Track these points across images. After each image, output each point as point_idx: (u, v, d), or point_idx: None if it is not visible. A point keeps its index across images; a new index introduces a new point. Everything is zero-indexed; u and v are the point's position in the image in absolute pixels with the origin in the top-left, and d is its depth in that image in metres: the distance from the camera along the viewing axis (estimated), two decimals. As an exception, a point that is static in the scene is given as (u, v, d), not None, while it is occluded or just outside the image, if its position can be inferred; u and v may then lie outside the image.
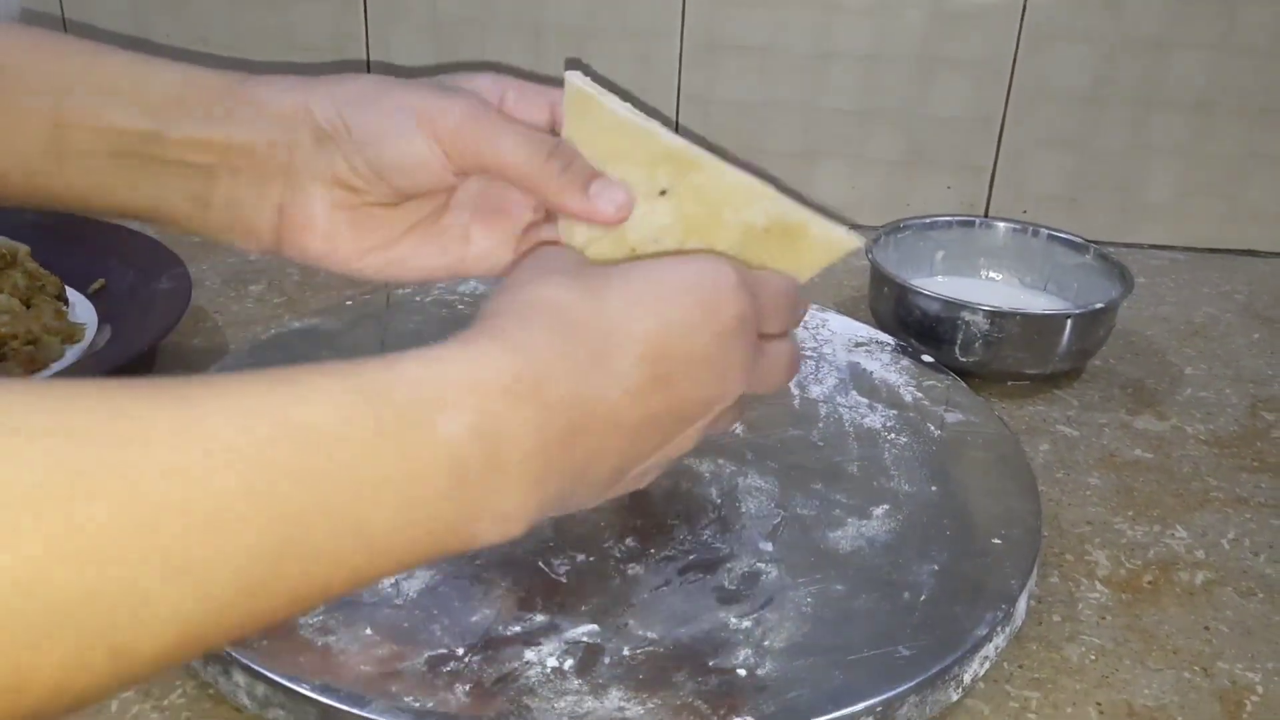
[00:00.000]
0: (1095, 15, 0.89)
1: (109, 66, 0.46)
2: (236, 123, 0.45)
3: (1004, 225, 0.83)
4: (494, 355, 0.37)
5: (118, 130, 0.45)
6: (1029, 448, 0.67)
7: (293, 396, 0.32)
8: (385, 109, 0.45)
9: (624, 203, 0.45)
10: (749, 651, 0.47)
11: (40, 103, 0.45)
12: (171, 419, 0.29)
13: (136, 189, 0.46)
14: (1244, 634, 0.54)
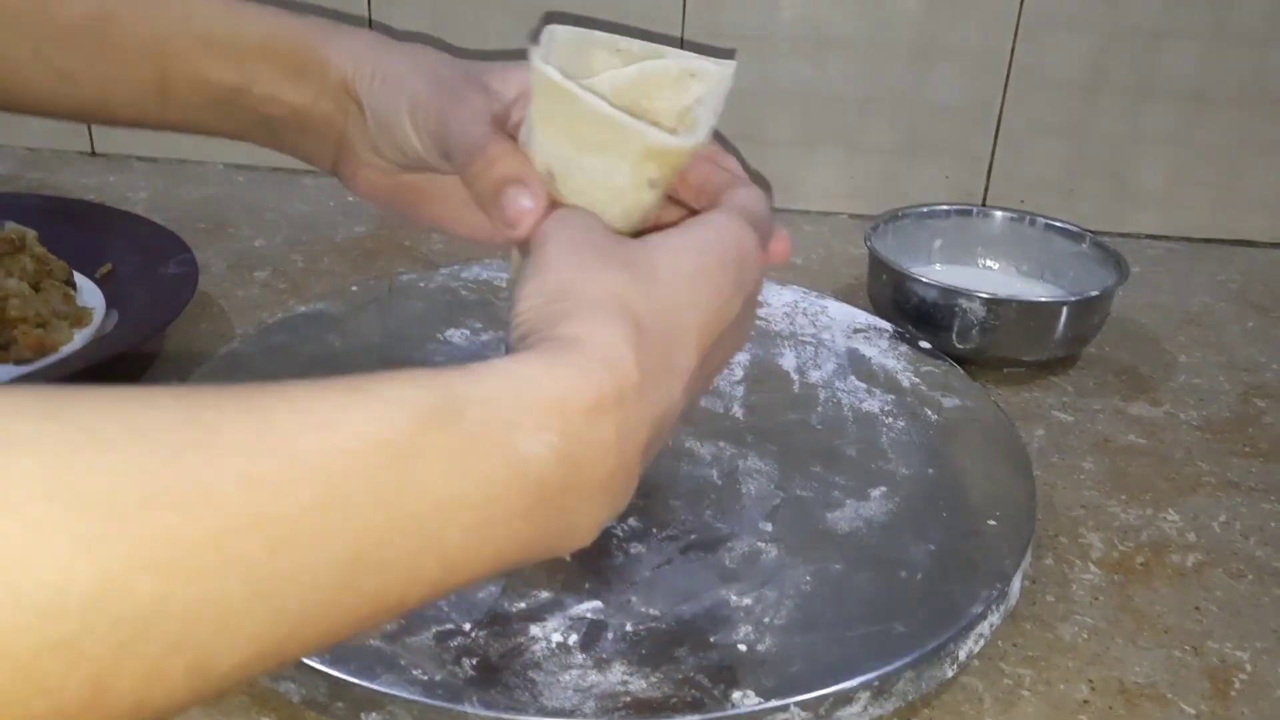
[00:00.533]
0: (1092, 4, 0.90)
1: (205, 16, 0.51)
2: (306, 86, 0.51)
3: (1001, 214, 0.84)
4: (578, 371, 0.36)
5: (214, 82, 0.51)
6: (1025, 433, 0.68)
7: (371, 408, 0.31)
8: (395, 96, 0.48)
9: (527, 207, 0.43)
10: (749, 628, 0.48)
11: (145, 53, 0.50)
12: (247, 427, 0.28)
13: (225, 125, 0.53)
14: (1233, 614, 0.56)
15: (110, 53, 0.50)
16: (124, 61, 0.50)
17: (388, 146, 0.50)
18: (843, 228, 0.96)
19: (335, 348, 0.67)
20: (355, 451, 0.30)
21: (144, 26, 0.50)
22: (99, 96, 0.51)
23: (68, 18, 0.49)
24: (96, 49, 0.50)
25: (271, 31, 0.51)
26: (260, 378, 0.63)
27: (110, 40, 0.50)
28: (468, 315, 0.72)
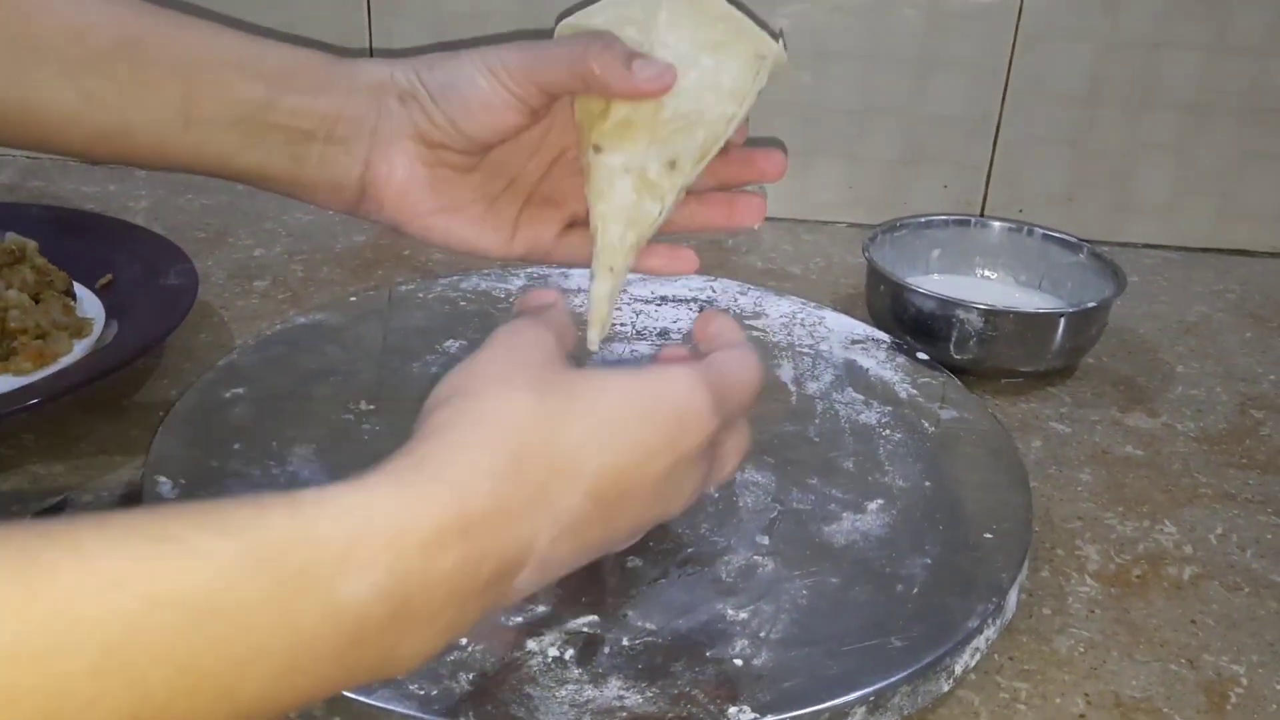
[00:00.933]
0: (1090, 16, 0.91)
1: (230, 41, 0.53)
2: (334, 93, 0.52)
3: (999, 224, 0.84)
4: (422, 500, 0.35)
5: (240, 99, 0.51)
6: (1022, 444, 0.68)
7: (171, 561, 0.29)
8: (455, 65, 0.52)
9: (661, 73, 0.49)
10: (745, 642, 0.48)
11: (173, 74, 0.51)
12: (22, 594, 0.27)
13: (249, 151, 0.52)
14: (1229, 627, 0.56)
15: (139, 72, 0.50)
16: (151, 83, 0.51)
17: (447, 110, 0.52)
18: (842, 237, 0.97)
19: (334, 359, 0.68)
20: (143, 614, 0.28)
21: (172, 48, 0.51)
22: (122, 120, 0.51)
23: (97, 45, 0.50)
24: (125, 72, 0.50)
25: (293, 54, 0.53)
26: (259, 390, 0.64)
27: (140, 61, 0.50)
28: (466, 326, 0.72)
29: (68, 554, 0.28)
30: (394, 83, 0.52)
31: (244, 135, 0.52)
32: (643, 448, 0.40)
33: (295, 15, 0.96)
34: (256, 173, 0.53)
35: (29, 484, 0.60)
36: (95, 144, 0.52)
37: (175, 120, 0.51)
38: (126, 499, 0.59)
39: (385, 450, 0.59)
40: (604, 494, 0.39)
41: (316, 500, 0.33)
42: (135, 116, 0.51)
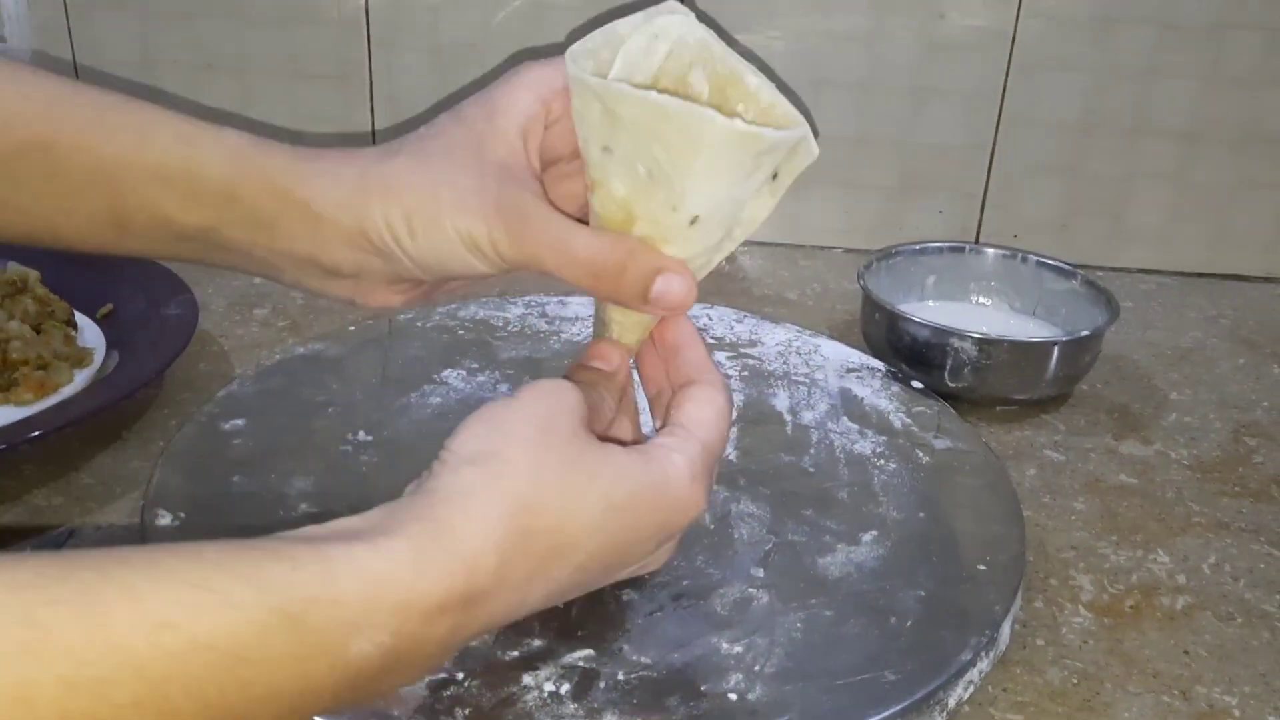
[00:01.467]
0: (1084, 45, 0.91)
1: (157, 150, 0.46)
2: (295, 236, 0.46)
3: (993, 251, 0.85)
4: (437, 571, 0.37)
5: (175, 220, 0.46)
6: (1016, 472, 0.68)
7: (211, 611, 0.32)
8: (440, 237, 0.44)
9: (683, 293, 0.44)
10: (740, 676, 0.49)
11: (95, 184, 0.46)
12: (81, 630, 0.30)
13: (206, 258, 0.48)
14: (1222, 658, 0.56)
15: (56, 183, 0.46)
16: (70, 193, 0.46)
17: (437, 276, 0.47)
18: (838, 263, 0.97)
19: (333, 390, 0.68)
20: (184, 654, 0.31)
21: (89, 157, 0.45)
22: (49, 227, 0.47)
23: (7, 144, 0.45)
24: (40, 179, 0.46)
25: (234, 168, 0.46)
26: (258, 422, 0.64)
27: (53, 171, 0.45)
28: (464, 355, 0.73)
29: (124, 595, 0.31)
30: (369, 241, 0.45)
31: (194, 250, 0.48)
32: (638, 534, 0.43)
33: (296, 43, 0.97)
34: (230, 269, 0.50)
35: (29, 516, 0.60)
36: (32, 243, 0.49)
37: (109, 230, 0.47)
38: (129, 531, 0.59)
39: (383, 483, 0.60)
40: (591, 567, 0.42)
41: (346, 559, 0.36)
42: (60, 223, 0.47)
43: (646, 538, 0.43)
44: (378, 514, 0.38)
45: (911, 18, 0.92)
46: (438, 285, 0.50)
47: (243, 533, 0.54)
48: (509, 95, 0.46)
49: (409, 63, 0.97)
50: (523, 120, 0.46)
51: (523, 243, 0.44)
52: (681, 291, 0.44)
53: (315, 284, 0.49)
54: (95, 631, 0.30)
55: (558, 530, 0.40)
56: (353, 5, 0.96)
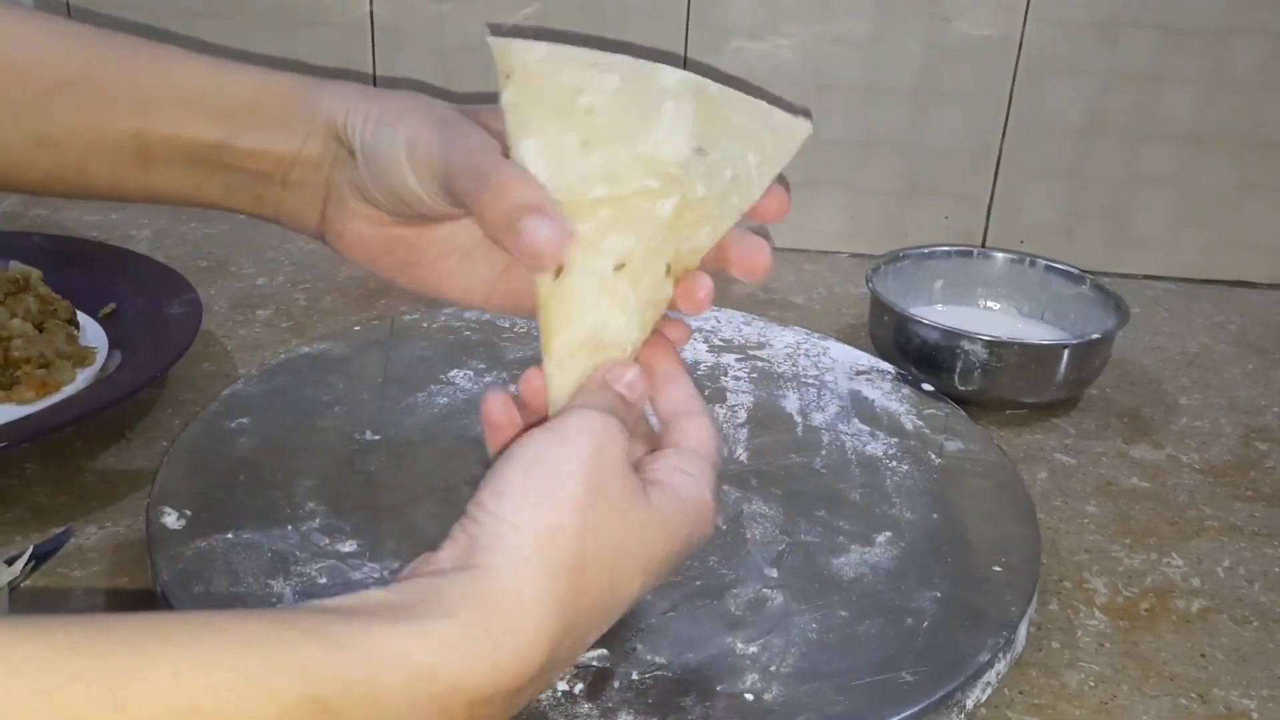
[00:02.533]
0: (1090, 50, 0.91)
1: (188, 74, 0.49)
2: (294, 132, 0.48)
3: (1002, 255, 0.84)
4: (486, 665, 0.35)
5: (195, 141, 0.48)
6: (1027, 476, 0.68)
7: (243, 700, 0.31)
8: (389, 135, 0.45)
9: (548, 239, 0.41)
10: (755, 676, 0.48)
11: (125, 113, 0.48)
12: (102, 708, 0.29)
13: (207, 187, 0.50)
14: (1239, 661, 0.55)
15: (89, 114, 0.48)
16: (103, 123, 0.48)
17: (382, 190, 0.47)
18: (844, 267, 0.97)
19: (338, 389, 0.67)
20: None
21: (124, 85, 0.48)
22: (77, 161, 0.49)
23: (46, 82, 0.47)
24: (75, 111, 0.48)
25: (257, 85, 0.49)
26: (263, 421, 0.63)
27: (89, 102, 0.48)
28: (470, 356, 0.72)
29: (152, 672, 0.30)
30: (345, 126, 0.47)
31: (202, 174, 0.49)
32: (670, 564, 0.43)
33: (300, 46, 0.97)
34: (217, 205, 0.51)
35: (32, 515, 0.60)
36: (53, 183, 0.50)
37: (131, 160, 0.49)
38: (131, 531, 0.59)
39: (390, 483, 0.59)
40: (615, 610, 0.41)
41: (388, 645, 0.34)
42: (89, 158, 0.49)
43: (667, 572, 0.43)
44: (423, 587, 0.37)
45: (917, 23, 0.91)
46: (391, 230, 0.49)
47: (251, 530, 0.54)
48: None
49: (413, 67, 0.97)
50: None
51: (446, 149, 0.44)
52: (548, 234, 0.41)
53: (292, 195, 0.49)
54: (123, 709, 0.29)
55: (609, 590, 0.40)
56: (357, 9, 0.95)
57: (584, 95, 0.42)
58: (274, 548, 0.54)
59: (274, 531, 0.55)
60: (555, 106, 0.42)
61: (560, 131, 0.42)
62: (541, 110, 0.43)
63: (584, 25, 0.94)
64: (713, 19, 0.93)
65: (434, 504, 0.58)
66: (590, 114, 0.42)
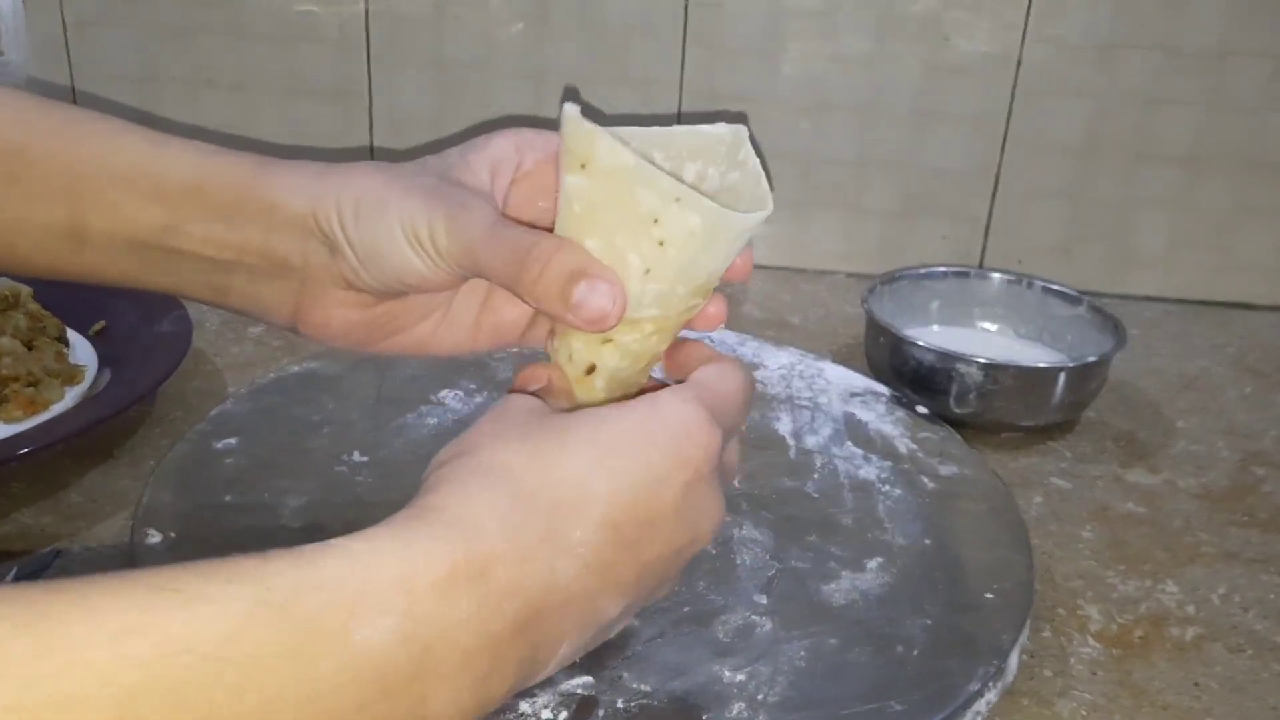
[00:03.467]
0: (1088, 70, 0.91)
1: (125, 153, 0.46)
2: (251, 226, 0.45)
3: (998, 276, 0.84)
4: (429, 542, 0.34)
5: (135, 224, 0.45)
6: (1022, 500, 0.67)
7: (179, 608, 0.29)
8: (382, 224, 0.43)
9: (605, 307, 0.41)
10: (742, 705, 0.47)
11: (58, 191, 0.45)
12: (32, 645, 0.27)
13: (156, 275, 0.47)
14: (1233, 690, 0.55)
15: (19, 189, 0.45)
16: (32, 200, 0.45)
17: (379, 279, 0.45)
18: (841, 287, 0.96)
19: (328, 409, 0.67)
20: (155, 661, 0.28)
21: (56, 162, 0.45)
22: (7, 239, 0.46)
23: None
24: (4, 185, 0.45)
25: (200, 167, 0.46)
26: (252, 441, 0.63)
27: (17, 178, 0.45)
28: (462, 376, 0.72)
29: (75, 605, 0.28)
30: (317, 226, 0.45)
31: (147, 260, 0.46)
32: (652, 471, 0.39)
33: (296, 64, 0.97)
34: (171, 292, 0.48)
35: (18, 534, 0.59)
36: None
37: (65, 241, 0.46)
38: (117, 550, 0.58)
39: (379, 502, 0.58)
40: (622, 523, 0.38)
41: (322, 549, 0.33)
42: (19, 236, 0.46)
43: (667, 476, 0.39)
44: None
45: (916, 42, 0.91)
46: (379, 308, 0.47)
47: (235, 552, 0.53)
48: (486, 139, 0.46)
49: (408, 80, 0.97)
50: (494, 159, 0.46)
51: (457, 230, 0.42)
52: (605, 298, 0.40)
53: (260, 295, 0.47)
54: (52, 646, 0.27)
55: (547, 486, 0.38)
56: (353, 23, 0.95)
57: (660, 226, 0.41)
58: (258, 570, 0.53)
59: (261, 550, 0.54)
60: (628, 223, 0.41)
61: (626, 249, 0.42)
62: (613, 219, 0.42)
63: (582, 43, 0.93)
64: (711, 37, 0.93)
65: (421, 526, 0.57)
66: (662, 247, 0.42)
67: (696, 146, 0.46)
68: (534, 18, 0.94)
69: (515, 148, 0.46)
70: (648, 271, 0.42)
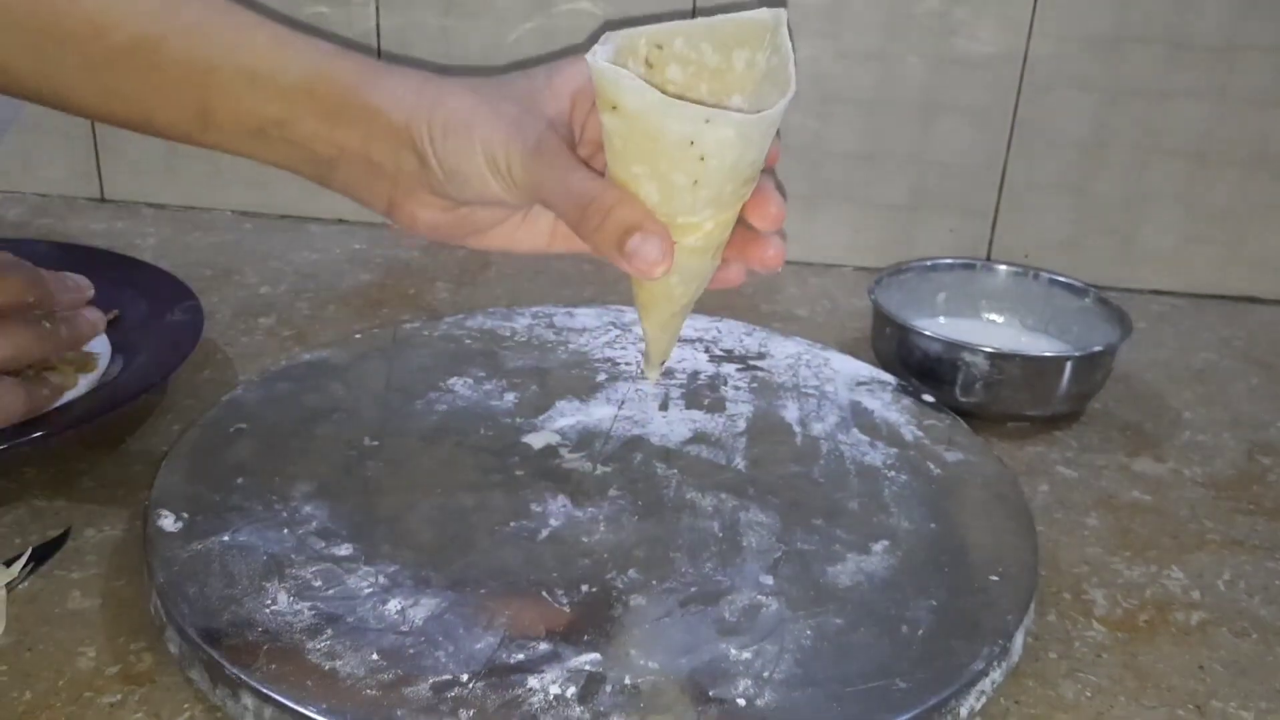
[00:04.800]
0: (1095, 64, 0.91)
1: (250, 50, 0.51)
2: (352, 130, 0.51)
3: (1005, 268, 0.84)
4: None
5: (254, 114, 0.51)
6: (1028, 488, 0.67)
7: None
8: (467, 146, 0.49)
9: (656, 259, 0.45)
10: (749, 682, 0.48)
11: (190, 81, 0.51)
12: None
13: (273, 155, 0.53)
14: (1238, 673, 0.55)
15: (155, 77, 0.50)
16: (168, 86, 0.51)
17: (460, 191, 0.51)
18: (847, 280, 0.97)
19: (338, 396, 0.68)
20: None
21: (189, 54, 0.50)
22: (144, 114, 0.52)
23: (117, 42, 0.50)
24: (142, 72, 0.50)
25: (315, 69, 0.51)
26: (263, 426, 0.64)
27: (156, 65, 0.50)
28: (471, 364, 0.72)
29: None
30: (410, 138, 0.50)
31: (264, 145, 0.52)
32: None
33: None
34: (289, 169, 0.53)
35: (31, 517, 0.60)
36: (124, 126, 0.53)
37: (194, 122, 0.51)
38: (129, 533, 0.59)
39: (389, 486, 0.59)
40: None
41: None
42: (155, 115, 0.52)
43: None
44: None
45: (923, 38, 0.92)
46: (461, 210, 0.53)
47: (247, 533, 0.54)
48: (572, 65, 0.51)
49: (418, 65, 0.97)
50: (576, 87, 0.50)
51: (532, 164, 0.48)
52: (656, 253, 0.45)
53: (358, 185, 0.53)
54: None
55: None
56: (364, 22, 0.96)
57: (697, 146, 0.44)
58: (270, 551, 0.54)
59: (270, 535, 0.55)
60: (666, 148, 0.45)
61: (670, 169, 0.45)
62: (651, 147, 0.45)
63: (589, 40, 0.94)
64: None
65: (431, 509, 0.58)
66: (703, 161, 0.45)
67: (741, 33, 0.49)
68: (541, 17, 0.94)
69: (581, 81, 0.51)
70: (695, 183, 0.45)
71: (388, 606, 0.50)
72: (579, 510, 0.59)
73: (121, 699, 0.49)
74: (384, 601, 0.51)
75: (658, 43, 0.48)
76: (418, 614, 0.50)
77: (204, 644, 0.48)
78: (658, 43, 0.48)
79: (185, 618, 0.49)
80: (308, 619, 0.49)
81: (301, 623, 0.49)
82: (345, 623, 0.49)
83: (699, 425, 0.67)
